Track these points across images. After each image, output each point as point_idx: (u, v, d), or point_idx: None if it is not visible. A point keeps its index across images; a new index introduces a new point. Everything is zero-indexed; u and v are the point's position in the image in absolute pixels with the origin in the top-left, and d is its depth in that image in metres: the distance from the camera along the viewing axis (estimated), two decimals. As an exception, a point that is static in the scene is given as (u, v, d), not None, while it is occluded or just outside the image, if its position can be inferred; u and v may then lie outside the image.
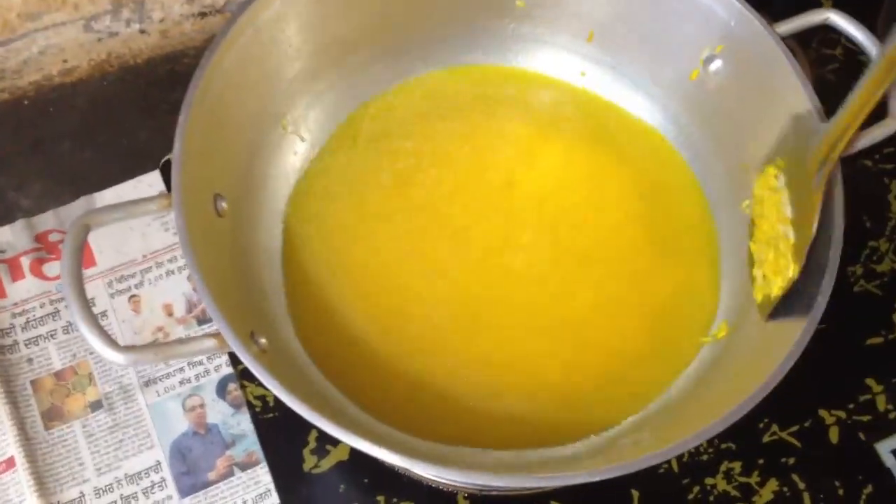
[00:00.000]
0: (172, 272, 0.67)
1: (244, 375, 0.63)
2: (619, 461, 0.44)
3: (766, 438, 0.62)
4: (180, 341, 0.48)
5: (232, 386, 0.64)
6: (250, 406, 0.62)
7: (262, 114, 0.58)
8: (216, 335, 0.48)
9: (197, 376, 0.64)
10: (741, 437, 0.61)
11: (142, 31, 0.71)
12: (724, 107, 0.59)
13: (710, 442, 0.61)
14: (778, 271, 0.52)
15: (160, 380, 0.64)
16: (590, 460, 0.53)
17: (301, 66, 0.60)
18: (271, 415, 0.62)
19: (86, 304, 0.47)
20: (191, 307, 0.66)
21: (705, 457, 0.61)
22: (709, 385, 0.54)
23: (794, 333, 0.46)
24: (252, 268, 0.57)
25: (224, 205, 0.54)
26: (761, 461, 0.61)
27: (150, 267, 0.67)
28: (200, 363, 0.64)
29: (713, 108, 0.61)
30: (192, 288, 0.66)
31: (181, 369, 0.64)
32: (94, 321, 0.46)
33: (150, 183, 0.69)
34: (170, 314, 0.66)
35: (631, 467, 0.43)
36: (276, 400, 0.59)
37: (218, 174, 0.54)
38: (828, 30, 0.56)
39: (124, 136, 0.70)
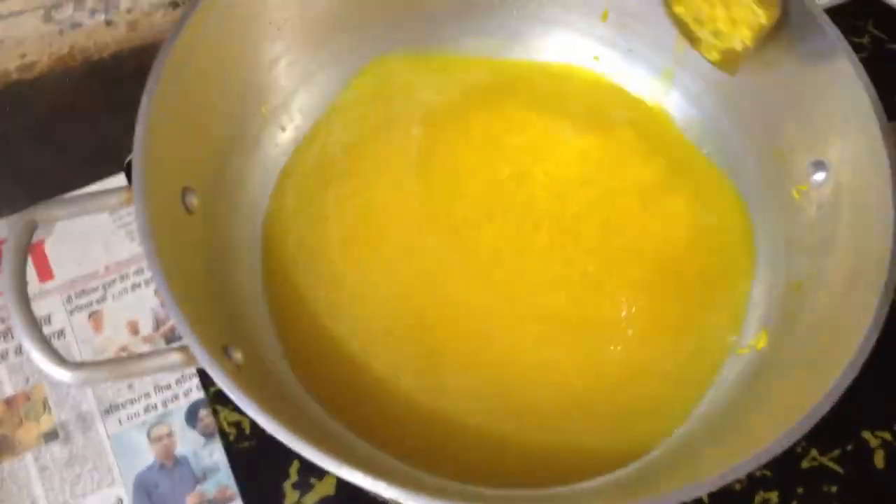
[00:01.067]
0: (138, 285, 0.61)
1: (217, 399, 0.57)
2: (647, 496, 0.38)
3: (804, 464, 0.56)
4: (140, 357, 0.43)
5: (203, 412, 0.58)
6: (223, 434, 0.56)
7: (239, 98, 0.53)
8: (182, 349, 0.42)
9: (164, 402, 0.58)
10: (777, 464, 0.55)
11: (108, 23, 0.66)
12: (755, 89, 0.54)
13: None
14: (737, 23, 0.50)
15: (123, 406, 0.58)
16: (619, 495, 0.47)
17: (283, 45, 0.55)
18: (247, 443, 0.55)
19: (29, 313, 0.42)
20: (159, 324, 0.60)
21: (738, 486, 0.55)
22: (749, 405, 0.48)
23: (855, 340, 0.40)
24: (227, 272, 0.50)
25: (194, 200, 0.48)
26: (800, 490, 0.55)
27: (114, 280, 0.62)
28: (168, 387, 0.59)
29: (740, 92, 0.56)
30: (160, 302, 0.60)
31: (146, 394, 0.58)
32: (39, 334, 0.41)
33: (116, 186, 0.63)
34: (135, 332, 0.60)
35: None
36: (253, 427, 0.54)
37: (187, 165, 0.48)
38: (857, 17, 0.51)
39: (88, 137, 0.65)
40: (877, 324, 0.41)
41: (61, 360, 0.41)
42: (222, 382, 0.40)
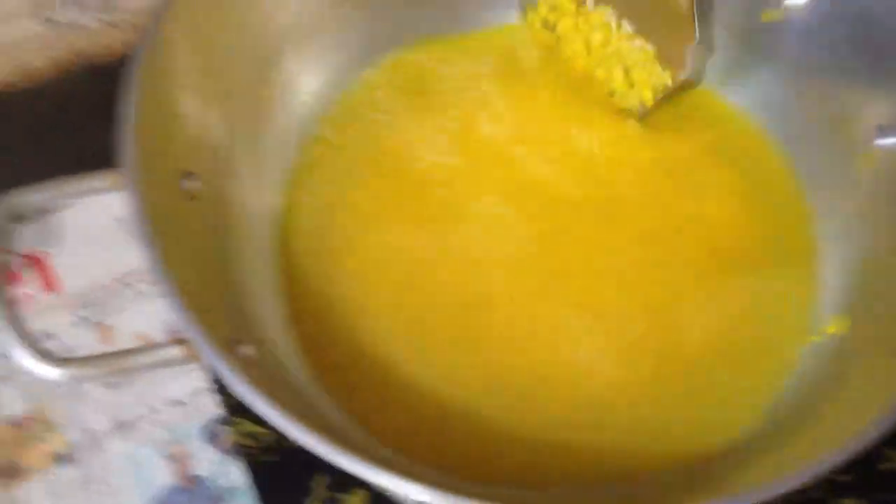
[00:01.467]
0: (150, 296, 0.58)
1: (235, 411, 0.52)
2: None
3: (881, 466, 0.49)
4: (135, 351, 0.38)
5: (222, 429, 0.54)
6: (242, 448, 0.51)
7: (247, 65, 0.48)
8: (183, 343, 0.38)
9: (181, 418, 0.55)
10: (857, 466, 0.49)
11: (111, 25, 0.64)
12: (811, 52, 0.49)
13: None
14: (636, 84, 0.52)
15: (136, 424, 0.54)
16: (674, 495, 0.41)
17: (299, 8, 0.51)
18: (269, 458, 0.51)
19: (9, 307, 0.36)
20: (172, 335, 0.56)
21: (815, 493, 0.49)
22: (826, 396, 0.43)
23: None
24: (237, 262, 0.46)
25: (197, 184, 0.43)
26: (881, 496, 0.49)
27: (123, 291, 0.58)
28: (184, 403, 0.55)
29: (796, 55, 0.52)
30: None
31: (161, 410, 0.55)
32: (21, 328, 0.37)
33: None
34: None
35: None
36: (273, 440, 0.49)
37: (188, 147, 0.44)
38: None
39: (89, 143, 0.60)
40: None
41: (47, 355, 0.37)
42: (228, 377, 0.36)
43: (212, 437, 0.53)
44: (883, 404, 0.36)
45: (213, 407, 0.54)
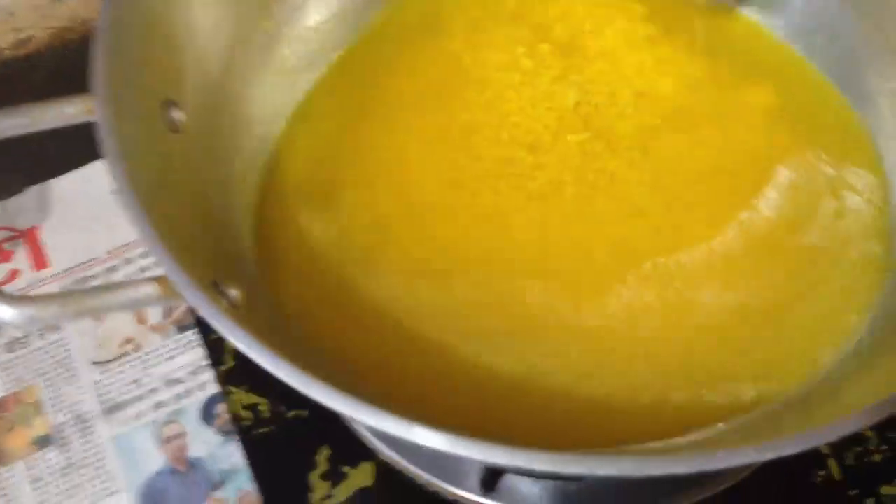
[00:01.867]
0: (147, 269, 0.54)
1: (228, 379, 0.47)
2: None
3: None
4: (103, 288, 0.34)
5: (221, 407, 0.49)
6: (238, 420, 0.47)
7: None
8: (159, 280, 0.34)
9: (176, 397, 0.51)
10: None
11: None
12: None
13: (881, 437, 0.43)
14: None
15: (128, 405, 0.51)
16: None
17: None
18: (265, 429, 0.46)
19: None
20: (169, 311, 0.52)
21: (877, 457, 0.43)
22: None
23: None
24: (224, 201, 0.42)
25: (181, 116, 0.39)
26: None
27: (117, 265, 0.55)
28: (181, 381, 0.51)
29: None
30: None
31: (155, 389, 0.51)
32: None
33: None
34: (141, 321, 0.53)
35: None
36: (272, 410, 0.45)
37: (174, 73, 0.40)
38: None
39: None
40: None
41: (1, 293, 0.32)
42: (210, 317, 0.31)
43: (210, 418, 0.49)
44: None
45: (212, 386, 0.50)
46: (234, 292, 0.37)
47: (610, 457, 0.29)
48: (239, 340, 0.31)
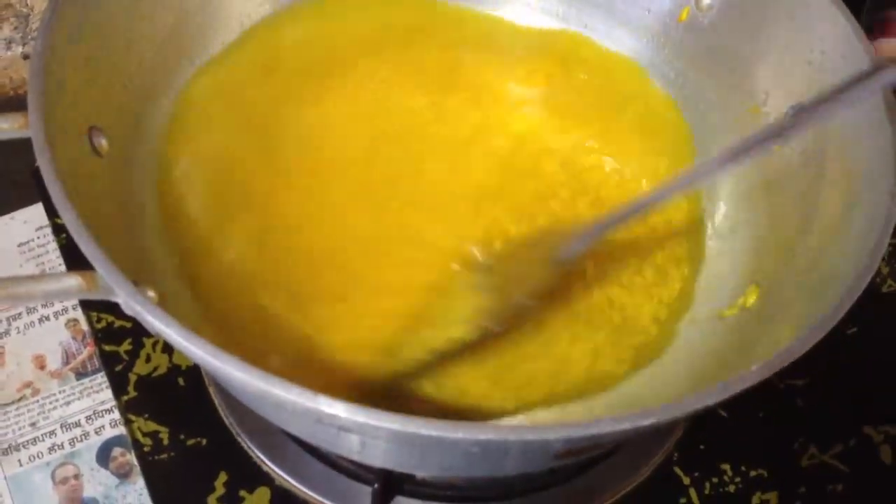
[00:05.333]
0: (47, 318, 0.56)
1: (130, 407, 0.49)
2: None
3: (804, 462, 0.49)
4: (26, 279, 0.34)
5: (118, 451, 0.51)
6: (138, 445, 0.48)
7: (151, 37, 0.47)
8: (84, 274, 0.34)
9: (72, 441, 0.52)
10: (774, 462, 0.48)
11: (25, 57, 0.62)
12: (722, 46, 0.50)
13: (735, 469, 0.48)
14: None
15: (24, 446, 0.52)
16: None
17: None
18: (164, 455, 0.47)
19: None
20: (69, 358, 0.54)
21: (732, 487, 0.48)
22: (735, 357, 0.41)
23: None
24: (136, 215, 0.44)
25: (103, 142, 0.42)
26: (802, 490, 0.48)
27: (20, 313, 0.55)
28: (78, 424, 0.52)
29: (710, 51, 0.51)
30: (70, 335, 0.54)
31: (52, 433, 0.52)
32: None
33: (26, 219, 0.58)
34: (42, 367, 0.53)
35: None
36: (171, 437, 0.47)
37: (99, 99, 0.42)
38: None
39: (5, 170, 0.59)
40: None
41: None
42: (137, 306, 0.32)
43: (106, 461, 0.50)
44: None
45: (109, 430, 0.51)
46: (151, 293, 0.38)
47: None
48: (164, 323, 0.32)
